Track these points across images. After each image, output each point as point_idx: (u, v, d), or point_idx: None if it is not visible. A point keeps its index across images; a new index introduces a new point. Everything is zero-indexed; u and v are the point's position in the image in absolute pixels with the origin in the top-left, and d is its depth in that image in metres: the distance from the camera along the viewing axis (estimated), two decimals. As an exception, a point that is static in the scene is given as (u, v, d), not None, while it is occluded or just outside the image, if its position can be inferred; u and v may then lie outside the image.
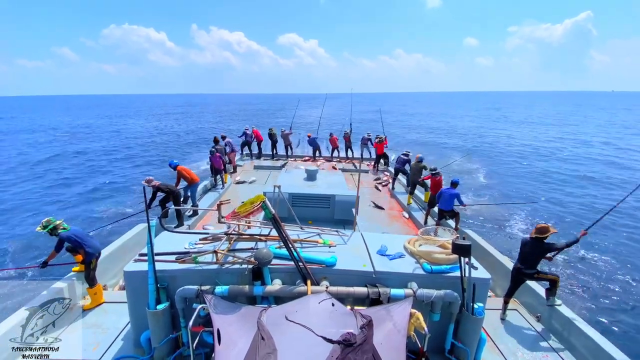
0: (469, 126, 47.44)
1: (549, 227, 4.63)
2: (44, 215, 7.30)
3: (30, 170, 20.53)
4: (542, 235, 4.60)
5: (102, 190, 16.49)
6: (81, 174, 19.97)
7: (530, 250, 4.68)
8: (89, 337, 4.15)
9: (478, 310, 3.62)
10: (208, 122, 54.37)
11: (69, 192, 16.20)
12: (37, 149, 27.95)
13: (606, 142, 32.11)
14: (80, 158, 24.37)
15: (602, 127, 45.25)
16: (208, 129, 43.12)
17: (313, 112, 49.84)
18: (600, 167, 21.92)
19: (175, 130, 42.62)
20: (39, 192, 16.16)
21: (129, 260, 3.89)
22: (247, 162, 14.88)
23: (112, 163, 23.08)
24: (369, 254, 4.13)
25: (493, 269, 5.44)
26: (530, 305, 5.21)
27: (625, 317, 7.24)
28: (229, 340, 2.77)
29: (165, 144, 31.50)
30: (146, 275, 3.47)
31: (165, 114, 74.10)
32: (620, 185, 17.47)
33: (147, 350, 3.77)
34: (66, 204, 14.52)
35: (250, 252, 3.92)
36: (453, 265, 3.80)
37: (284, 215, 5.43)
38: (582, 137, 35.90)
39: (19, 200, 14.72)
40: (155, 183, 7.45)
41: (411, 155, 10.97)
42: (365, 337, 2.62)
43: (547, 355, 4.24)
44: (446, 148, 28.34)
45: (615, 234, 11.71)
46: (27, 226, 11.55)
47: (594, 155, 25.74)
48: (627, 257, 9.91)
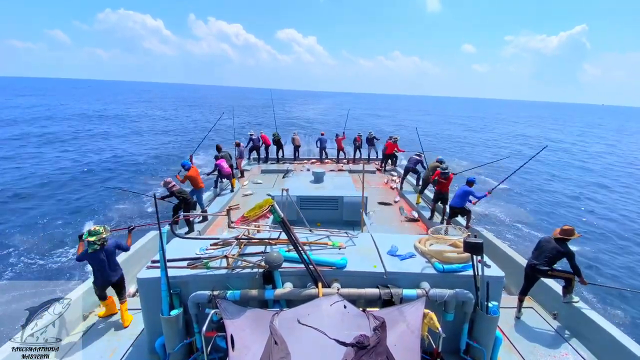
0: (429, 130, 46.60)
1: (574, 231, 4.54)
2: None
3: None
4: (566, 237, 4.50)
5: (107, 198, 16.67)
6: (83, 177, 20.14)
7: (548, 247, 4.58)
8: (104, 344, 4.21)
9: (493, 309, 3.56)
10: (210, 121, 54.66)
11: (68, 193, 16.34)
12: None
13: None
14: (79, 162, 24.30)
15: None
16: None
17: (308, 113, 49.76)
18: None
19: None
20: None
21: (142, 268, 3.94)
22: (254, 166, 14.95)
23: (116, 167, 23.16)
24: (380, 255, 4.10)
25: (506, 266, 5.35)
26: (546, 303, 5.10)
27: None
28: (243, 345, 2.78)
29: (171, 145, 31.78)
30: (159, 282, 3.50)
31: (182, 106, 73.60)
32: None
33: (162, 356, 3.80)
34: (66, 210, 14.63)
35: (260, 256, 3.93)
36: (465, 264, 3.74)
37: (292, 218, 5.44)
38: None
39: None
40: (174, 187, 7.43)
41: (423, 156, 10.94)
42: (379, 339, 2.59)
43: (567, 353, 4.15)
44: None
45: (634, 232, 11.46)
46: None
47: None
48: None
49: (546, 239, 4.72)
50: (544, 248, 4.63)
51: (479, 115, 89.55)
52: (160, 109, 59.41)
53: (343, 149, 15.53)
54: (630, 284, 8.32)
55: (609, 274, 8.86)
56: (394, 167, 14.04)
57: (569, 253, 4.49)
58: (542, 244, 4.70)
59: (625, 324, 6.71)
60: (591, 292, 7.79)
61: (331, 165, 14.71)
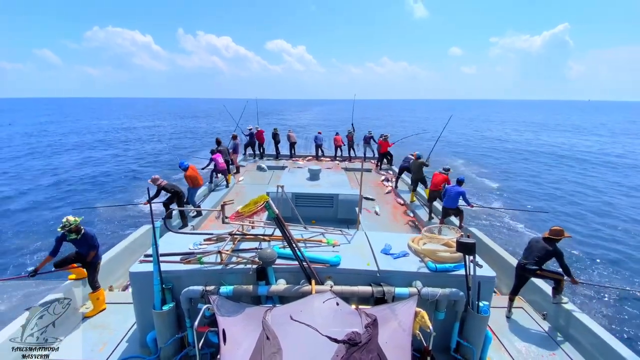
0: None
1: (564, 231, 4.59)
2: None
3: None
4: (555, 238, 4.55)
5: (102, 187, 16.47)
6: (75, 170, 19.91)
7: (538, 247, 4.65)
8: (95, 338, 4.18)
9: (483, 309, 3.60)
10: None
11: (65, 190, 16.19)
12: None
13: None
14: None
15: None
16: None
17: (303, 120, 49.25)
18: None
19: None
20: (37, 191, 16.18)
21: (134, 262, 3.92)
22: (250, 162, 14.90)
23: (113, 159, 22.89)
24: (373, 253, 4.12)
25: (498, 267, 5.41)
26: (536, 303, 5.17)
27: (633, 313, 7.17)
28: (235, 340, 2.78)
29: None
30: (151, 276, 3.49)
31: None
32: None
33: (153, 350, 3.79)
34: (61, 202, 14.48)
35: (254, 252, 3.93)
36: (458, 264, 3.78)
37: (287, 215, 5.43)
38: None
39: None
40: (161, 182, 7.43)
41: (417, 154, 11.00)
42: (370, 336, 2.62)
43: (554, 354, 4.21)
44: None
45: (623, 232, 11.63)
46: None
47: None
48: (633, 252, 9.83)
49: (536, 239, 4.79)
50: (533, 248, 4.70)
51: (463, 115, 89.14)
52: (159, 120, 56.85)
53: (341, 146, 15.57)
54: (620, 283, 8.46)
55: (598, 272, 8.99)
56: (389, 166, 14.09)
57: (557, 253, 4.56)
58: (531, 244, 4.78)
59: (614, 323, 6.83)
60: (581, 292, 7.91)
61: (327, 163, 14.72)
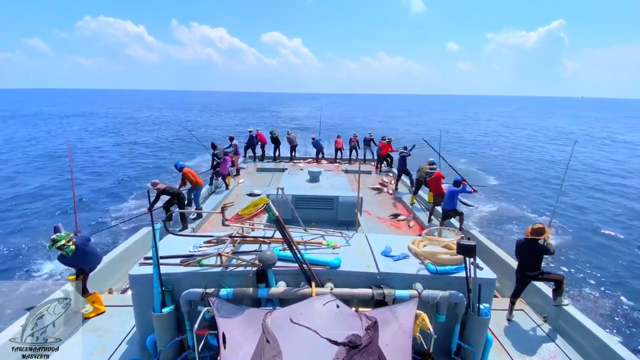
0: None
1: (545, 228, 4.52)
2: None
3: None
4: (538, 237, 4.50)
5: (103, 192, 16.46)
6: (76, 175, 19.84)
7: (527, 252, 4.59)
8: (94, 341, 4.17)
9: (484, 311, 3.59)
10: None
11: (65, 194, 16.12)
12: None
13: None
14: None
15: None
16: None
17: (298, 114, 49.38)
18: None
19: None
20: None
21: (134, 264, 3.91)
22: (250, 164, 14.91)
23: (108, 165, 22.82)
24: (373, 255, 4.11)
25: (498, 269, 5.39)
26: (537, 305, 5.16)
27: (634, 315, 7.15)
28: (234, 343, 2.77)
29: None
30: (151, 279, 3.48)
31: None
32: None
33: (152, 353, 3.77)
34: (59, 207, 14.42)
35: (254, 255, 3.92)
36: (458, 266, 3.77)
37: (287, 217, 5.43)
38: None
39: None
40: (161, 186, 7.43)
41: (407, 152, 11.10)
42: (371, 339, 2.60)
43: (556, 356, 4.19)
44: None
45: (626, 235, 11.63)
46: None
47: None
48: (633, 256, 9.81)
49: (521, 242, 4.69)
50: (524, 253, 4.63)
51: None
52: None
53: (342, 149, 15.61)
54: (620, 284, 8.44)
55: (598, 272, 8.97)
56: (389, 169, 14.09)
57: (543, 250, 4.51)
58: (522, 249, 4.67)
59: (615, 325, 6.81)
60: (582, 294, 7.89)
61: (327, 165, 14.74)
